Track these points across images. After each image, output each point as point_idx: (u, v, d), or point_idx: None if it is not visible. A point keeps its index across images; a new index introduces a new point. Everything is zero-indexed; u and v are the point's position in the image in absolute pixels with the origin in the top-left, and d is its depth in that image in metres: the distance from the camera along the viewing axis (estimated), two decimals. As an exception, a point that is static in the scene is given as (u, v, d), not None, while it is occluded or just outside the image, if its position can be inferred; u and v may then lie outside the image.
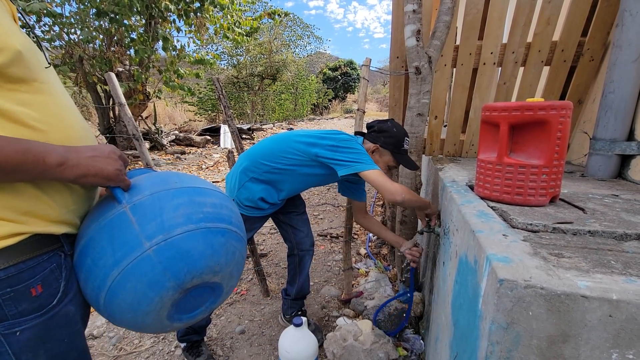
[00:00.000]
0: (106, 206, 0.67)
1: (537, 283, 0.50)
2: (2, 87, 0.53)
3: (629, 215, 0.80)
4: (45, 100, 0.60)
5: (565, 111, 0.84)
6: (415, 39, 1.47)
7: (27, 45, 0.57)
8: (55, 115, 0.61)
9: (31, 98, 0.57)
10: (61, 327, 0.62)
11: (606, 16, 1.50)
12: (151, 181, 0.71)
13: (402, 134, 1.40)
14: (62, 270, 0.63)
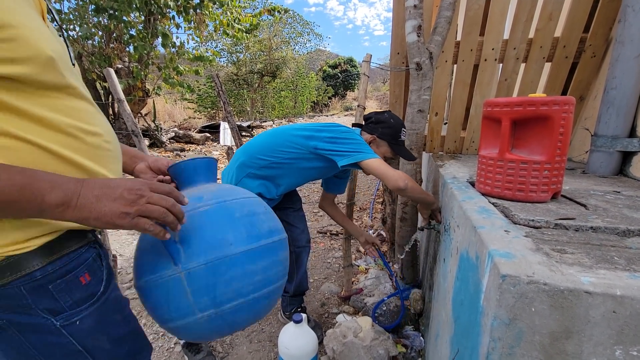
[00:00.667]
0: (160, 259, 0.68)
1: (540, 279, 0.50)
2: (35, 94, 0.52)
3: (631, 212, 0.80)
4: (76, 106, 0.59)
5: (568, 106, 0.84)
6: (416, 34, 1.46)
7: (58, 50, 0.55)
8: (85, 121, 0.59)
9: (63, 104, 0.56)
10: (114, 312, 0.64)
11: (608, 12, 1.49)
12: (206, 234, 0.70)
13: (399, 125, 1.40)
14: (102, 260, 0.65)
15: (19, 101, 0.50)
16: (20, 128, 0.51)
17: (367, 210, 3.72)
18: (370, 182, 4.91)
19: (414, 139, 1.61)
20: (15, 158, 0.50)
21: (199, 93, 11.55)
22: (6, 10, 0.48)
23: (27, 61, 0.49)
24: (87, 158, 0.59)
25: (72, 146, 0.56)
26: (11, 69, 0.48)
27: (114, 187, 0.54)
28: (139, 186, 0.55)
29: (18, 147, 0.51)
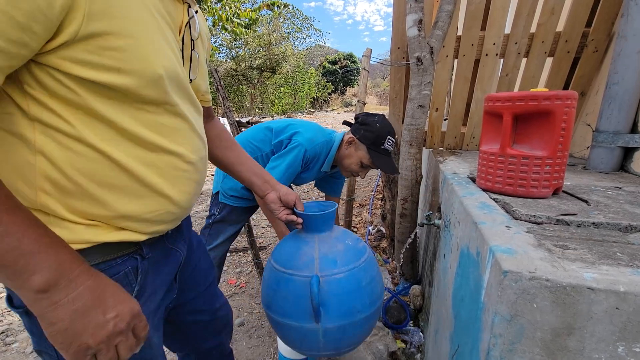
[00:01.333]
0: (305, 314, 0.89)
1: (542, 275, 0.49)
2: (130, 106, 0.51)
3: (633, 207, 0.79)
4: (167, 123, 0.57)
5: (570, 101, 0.83)
6: (417, 28, 1.44)
7: (170, 67, 0.54)
8: (171, 138, 0.58)
9: (154, 119, 0.55)
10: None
11: (611, 6, 1.48)
12: (341, 303, 0.90)
13: (384, 132, 1.34)
14: (138, 275, 0.61)
15: (111, 111, 0.49)
16: (100, 137, 0.50)
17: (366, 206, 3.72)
18: (370, 179, 4.90)
19: (414, 134, 1.60)
20: (79, 165, 0.49)
21: (198, 89, 11.48)
22: (127, 18, 0.47)
23: (132, 74, 0.48)
24: (158, 175, 0.57)
25: (146, 161, 0.55)
26: (114, 78, 0.47)
27: (100, 306, 0.46)
28: (121, 319, 0.48)
29: (87, 155, 0.49)
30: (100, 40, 0.45)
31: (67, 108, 0.47)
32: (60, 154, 0.48)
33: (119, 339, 0.48)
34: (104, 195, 0.52)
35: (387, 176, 2.25)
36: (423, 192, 1.97)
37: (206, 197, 4.19)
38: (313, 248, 0.93)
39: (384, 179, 2.30)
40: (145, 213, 0.58)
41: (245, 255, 2.60)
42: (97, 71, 0.45)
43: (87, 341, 0.45)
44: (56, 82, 0.45)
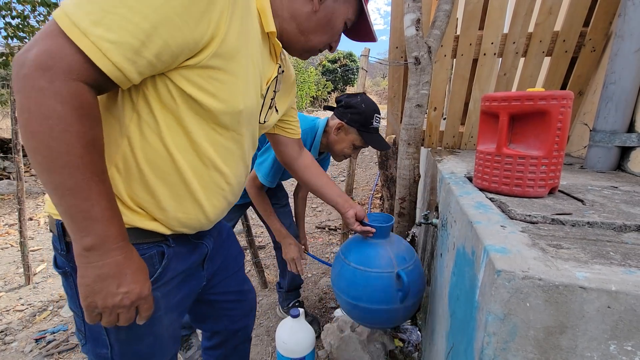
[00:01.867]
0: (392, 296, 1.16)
1: (535, 274, 0.49)
2: (206, 124, 0.63)
3: (628, 207, 0.80)
4: (226, 145, 0.68)
5: (566, 101, 0.83)
6: (415, 28, 1.44)
7: (250, 107, 0.67)
8: (223, 159, 0.69)
9: (218, 139, 0.66)
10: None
11: (608, 6, 1.48)
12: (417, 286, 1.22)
13: (370, 111, 1.34)
14: (163, 259, 0.70)
15: (192, 123, 0.61)
16: (173, 140, 0.61)
17: (365, 205, 3.72)
18: (369, 178, 4.90)
19: (412, 134, 1.60)
20: (149, 156, 0.60)
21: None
22: (237, 62, 0.60)
23: (223, 102, 0.61)
24: (201, 186, 0.68)
25: (197, 171, 0.66)
26: (209, 100, 0.59)
27: (125, 273, 0.56)
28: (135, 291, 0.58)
29: (158, 150, 0.61)
30: (212, 71, 0.58)
31: (162, 110, 0.59)
32: (140, 143, 0.59)
33: (120, 310, 0.57)
34: (155, 186, 0.63)
35: (385, 175, 2.25)
36: (421, 192, 1.98)
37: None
38: (387, 250, 1.19)
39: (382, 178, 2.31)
40: (179, 212, 0.67)
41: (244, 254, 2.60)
42: (199, 91, 0.58)
43: (97, 302, 0.55)
44: (165, 89, 0.57)
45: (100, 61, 0.48)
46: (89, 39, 0.46)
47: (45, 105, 0.46)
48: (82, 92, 0.48)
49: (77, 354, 1.64)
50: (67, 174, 0.48)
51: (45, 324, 1.87)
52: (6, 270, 2.49)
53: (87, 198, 0.50)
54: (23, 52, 0.47)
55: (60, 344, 1.69)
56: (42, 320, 1.90)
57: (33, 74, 0.45)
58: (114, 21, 0.47)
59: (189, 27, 0.52)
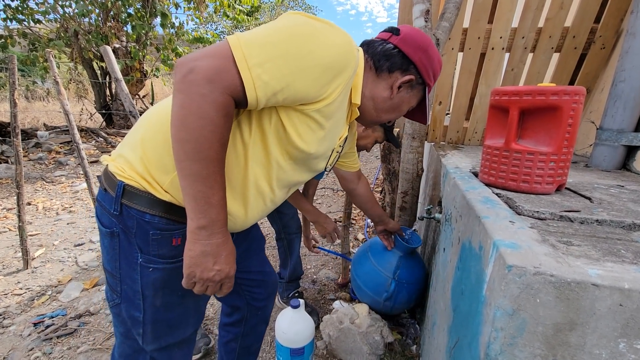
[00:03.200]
0: (383, 289, 1.48)
1: (547, 270, 0.49)
2: (282, 152, 0.73)
3: (636, 206, 0.79)
4: (287, 169, 0.78)
5: (579, 97, 0.82)
6: (424, 19, 1.42)
7: (320, 154, 0.78)
8: (279, 181, 0.78)
9: (284, 165, 0.76)
10: (179, 280, 0.71)
11: (620, 2, 1.46)
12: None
13: None
14: None
15: (273, 147, 0.71)
16: (254, 152, 0.71)
17: (365, 199, 3.71)
18: (369, 172, 4.89)
19: (417, 127, 1.59)
20: (230, 158, 0.70)
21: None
22: (329, 121, 0.73)
23: (303, 142, 0.72)
24: (254, 198, 0.76)
25: (258, 186, 0.75)
26: (295, 135, 0.70)
27: (224, 256, 0.67)
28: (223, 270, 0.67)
29: (239, 156, 0.71)
30: (310, 120, 0.70)
31: (257, 127, 0.69)
32: (229, 144, 0.69)
33: (210, 284, 0.67)
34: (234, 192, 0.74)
35: (388, 169, 2.24)
36: (423, 186, 1.97)
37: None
38: (397, 260, 1.48)
39: (384, 172, 2.29)
40: (228, 211, 0.73)
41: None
42: (292, 127, 0.69)
43: (195, 272, 0.65)
44: (268, 114, 0.68)
45: (250, 92, 0.59)
46: (250, 74, 0.58)
47: (203, 108, 0.56)
48: (230, 103, 0.59)
49: (76, 339, 1.64)
50: (204, 165, 0.58)
51: (43, 308, 1.87)
52: (4, 254, 2.48)
53: (212, 187, 0.60)
54: (193, 59, 0.57)
55: (59, 328, 1.69)
56: (41, 305, 1.90)
57: (199, 81, 0.56)
58: (271, 69, 0.59)
59: (315, 88, 0.64)
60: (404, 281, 1.45)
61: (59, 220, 3.20)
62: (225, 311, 1.17)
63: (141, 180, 0.70)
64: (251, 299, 1.11)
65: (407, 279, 1.46)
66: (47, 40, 5.75)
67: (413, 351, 1.47)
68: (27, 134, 5.73)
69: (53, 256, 2.50)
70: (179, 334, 0.84)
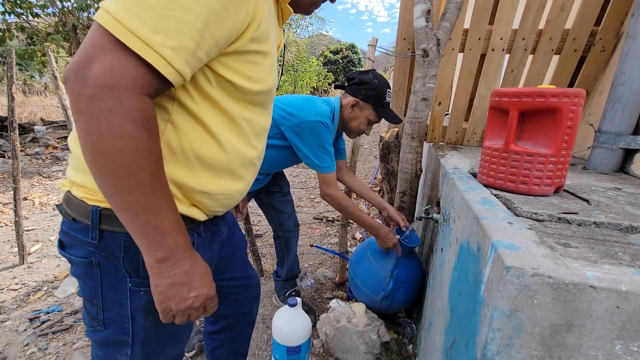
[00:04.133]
0: (381, 288, 1.50)
1: (545, 271, 0.49)
2: (240, 103, 0.63)
3: (633, 209, 0.80)
4: (257, 121, 0.69)
5: (578, 99, 0.82)
6: (425, 19, 1.41)
7: (275, 82, 0.69)
8: (255, 135, 0.70)
9: (250, 116, 0.67)
10: None
11: (621, 5, 1.46)
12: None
13: (384, 85, 1.34)
14: (196, 249, 0.69)
15: (227, 103, 0.61)
16: (213, 121, 0.60)
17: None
18: (367, 171, 4.90)
19: (416, 127, 1.59)
20: (192, 139, 0.59)
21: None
22: (268, 42, 0.61)
23: (255, 83, 0.62)
24: (240, 164, 0.68)
25: (236, 149, 0.66)
26: (244, 82, 0.60)
27: (192, 280, 0.59)
28: (200, 294, 0.60)
29: (200, 133, 0.60)
30: (249, 55, 0.59)
31: (200, 95, 0.58)
32: (183, 127, 0.58)
33: (192, 311, 0.61)
34: (198, 168, 0.62)
35: (386, 169, 2.24)
36: (421, 186, 1.97)
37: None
38: (395, 260, 1.50)
39: (383, 172, 2.30)
40: (219, 193, 0.67)
41: (241, 242, 2.60)
42: (235, 75, 0.58)
43: (171, 306, 0.58)
44: (203, 76, 0.56)
45: (166, 69, 0.47)
46: (152, 49, 0.45)
47: (117, 125, 0.45)
48: (147, 106, 0.48)
49: (72, 335, 1.63)
50: (140, 192, 0.49)
51: (39, 304, 1.87)
52: (0, 249, 2.47)
53: (158, 213, 0.51)
54: (79, 68, 0.44)
55: (55, 324, 1.68)
56: (37, 300, 1.90)
57: (99, 94, 0.44)
58: (171, 25, 0.46)
59: (232, 17, 0.51)
60: (402, 280, 1.45)
61: (55, 216, 3.19)
62: (209, 320, 1.12)
63: None
64: (237, 306, 1.05)
65: (405, 278, 1.46)
66: (46, 35, 5.72)
67: (409, 351, 1.47)
68: (24, 128, 5.69)
69: (49, 252, 2.49)
70: (170, 350, 0.78)
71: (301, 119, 1.29)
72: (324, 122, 1.31)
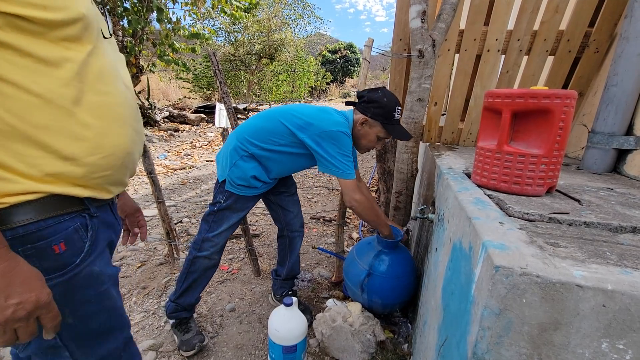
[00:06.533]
0: (358, 281, 1.54)
1: (533, 271, 0.50)
2: (56, 43, 0.51)
3: (623, 209, 0.81)
4: (100, 66, 0.57)
5: (570, 101, 0.83)
6: (420, 20, 1.42)
7: (92, 11, 0.56)
8: (94, 77, 0.57)
9: (76, 56, 0.54)
10: (86, 287, 0.62)
11: (615, 7, 1.47)
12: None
13: (393, 104, 1.36)
14: (88, 231, 0.63)
15: (33, 46, 0.49)
16: (23, 74, 0.49)
17: (360, 198, 3.73)
18: (365, 171, 4.91)
19: (412, 128, 1.59)
20: (8, 105, 0.48)
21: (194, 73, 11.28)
22: None
23: (55, 11, 0.49)
24: (95, 116, 0.57)
25: (80, 99, 0.55)
26: (36, 12, 0.47)
27: (10, 284, 0.47)
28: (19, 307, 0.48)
29: (12, 94, 0.49)
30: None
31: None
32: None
33: (17, 325, 0.48)
34: (40, 135, 0.52)
35: (383, 169, 2.25)
36: (417, 186, 1.98)
37: (200, 182, 4.16)
38: (374, 255, 1.55)
39: (379, 171, 2.31)
40: (87, 155, 0.57)
41: (237, 242, 2.60)
42: (21, 6, 0.46)
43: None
44: None
45: None
46: None
47: None
48: None
49: None
50: None
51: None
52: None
53: None
54: None
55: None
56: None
57: None
58: None
59: None
60: (377, 273, 1.49)
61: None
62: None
63: None
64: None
65: (382, 271, 1.50)
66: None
67: (404, 349, 1.48)
68: None
69: None
70: (110, 340, 0.70)
71: (321, 128, 1.32)
72: (344, 132, 1.33)
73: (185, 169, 4.81)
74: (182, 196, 3.65)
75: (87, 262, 0.62)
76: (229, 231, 1.49)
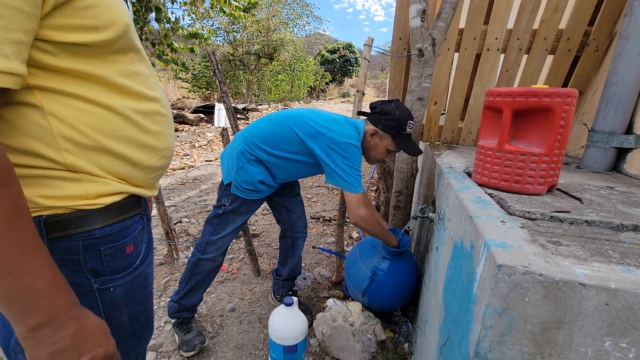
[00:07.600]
0: (361, 285, 1.54)
1: (536, 269, 0.50)
2: (107, 60, 0.52)
3: (625, 207, 0.80)
4: (139, 71, 0.59)
5: (571, 99, 0.83)
6: (420, 19, 1.42)
7: (129, 15, 0.56)
8: (146, 85, 0.60)
9: (129, 69, 0.56)
10: (140, 288, 0.65)
11: (615, 5, 1.47)
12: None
13: (405, 117, 1.34)
14: (145, 233, 0.66)
15: (95, 68, 0.51)
16: (93, 93, 0.51)
17: (360, 197, 3.73)
18: (364, 170, 4.91)
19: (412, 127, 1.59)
20: (87, 121, 0.51)
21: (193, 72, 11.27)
22: None
23: (105, 30, 0.50)
24: (150, 121, 0.60)
25: (136, 109, 0.57)
26: (89, 37, 0.48)
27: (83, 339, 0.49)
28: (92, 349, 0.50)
29: (89, 110, 0.51)
30: (74, 2, 0.46)
31: (53, 73, 0.48)
32: (67, 113, 0.50)
33: None
34: (111, 144, 0.55)
35: (382, 168, 2.25)
36: (417, 186, 1.98)
37: (199, 182, 4.16)
38: (378, 261, 1.54)
39: (379, 171, 2.30)
40: (149, 159, 0.61)
41: (237, 242, 2.60)
42: (77, 33, 0.47)
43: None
44: (46, 55, 0.46)
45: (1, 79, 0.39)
46: None
47: None
48: None
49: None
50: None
51: None
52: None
53: (27, 272, 0.42)
54: None
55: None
56: None
57: None
58: None
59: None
60: (381, 281, 1.49)
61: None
62: None
63: (61, 202, 0.52)
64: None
65: (386, 279, 1.49)
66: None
67: (405, 349, 1.48)
68: None
69: None
70: (145, 341, 0.74)
71: (332, 139, 1.30)
72: (355, 145, 1.32)
73: (185, 169, 4.80)
74: (181, 196, 3.65)
75: (145, 264, 0.65)
76: (233, 234, 1.49)
